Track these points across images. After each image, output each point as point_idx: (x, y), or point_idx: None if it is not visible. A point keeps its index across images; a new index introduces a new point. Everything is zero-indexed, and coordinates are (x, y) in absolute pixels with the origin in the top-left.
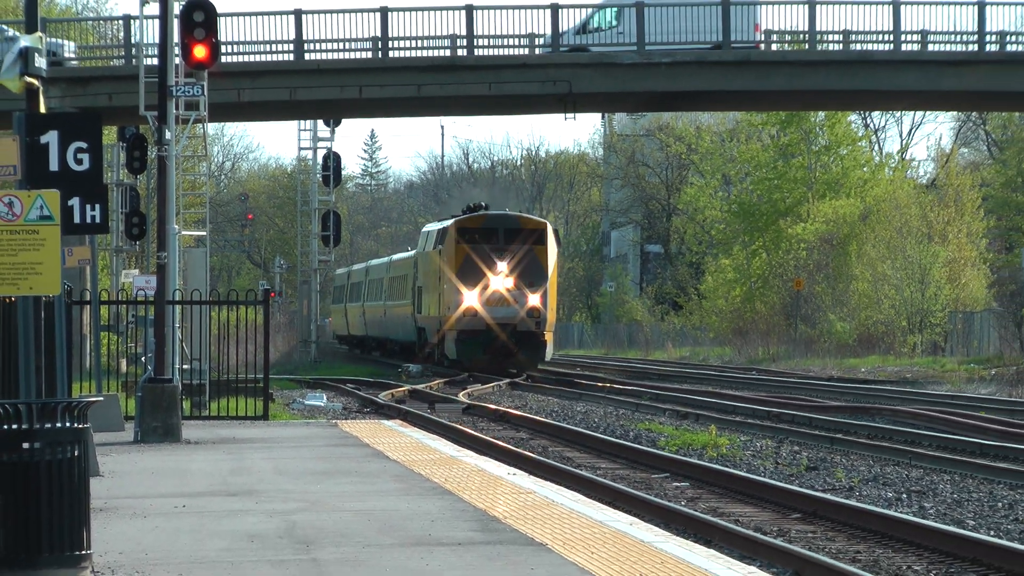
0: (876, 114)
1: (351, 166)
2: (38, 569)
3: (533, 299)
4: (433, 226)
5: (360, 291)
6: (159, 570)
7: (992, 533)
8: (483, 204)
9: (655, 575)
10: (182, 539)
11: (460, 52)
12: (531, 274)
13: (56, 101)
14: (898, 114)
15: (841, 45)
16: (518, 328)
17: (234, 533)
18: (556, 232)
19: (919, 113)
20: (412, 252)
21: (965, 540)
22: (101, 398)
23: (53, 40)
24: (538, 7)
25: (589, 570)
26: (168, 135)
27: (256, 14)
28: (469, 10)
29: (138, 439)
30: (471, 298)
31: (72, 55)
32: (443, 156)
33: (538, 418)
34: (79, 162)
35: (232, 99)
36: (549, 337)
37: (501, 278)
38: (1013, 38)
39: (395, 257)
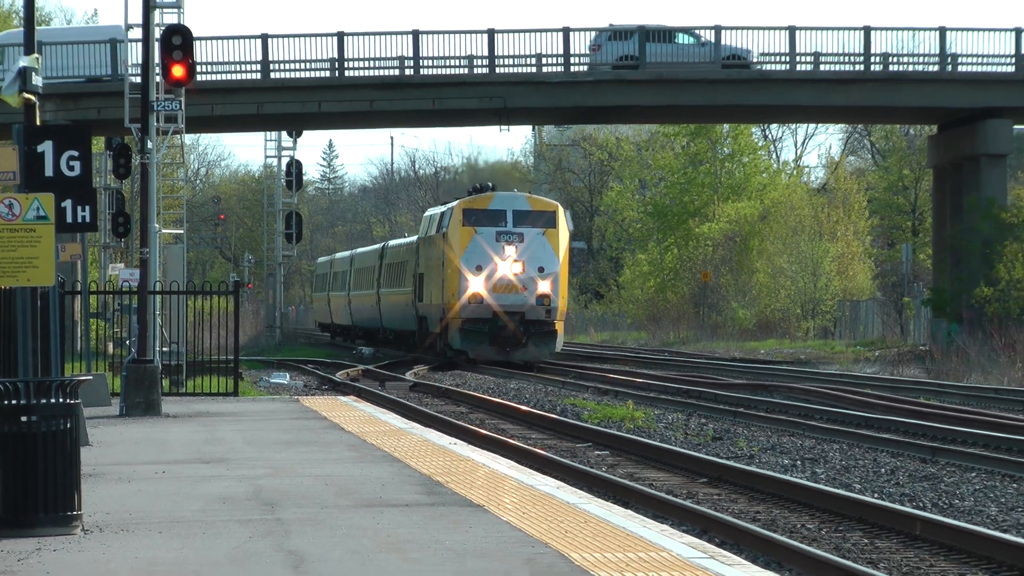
0: (774, 126)
1: (311, 172)
2: (34, 528)
3: (543, 285)
4: (436, 209)
5: (345, 280)
6: (141, 528)
7: (876, 495)
8: (490, 184)
9: (578, 533)
10: (162, 501)
11: (408, 71)
12: (541, 259)
13: (51, 115)
14: (793, 126)
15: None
16: (527, 316)
17: (207, 496)
18: (568, 214)
19: (812, 125)
20: (411, 238)
21: (852, 501)
22: (90, 377)
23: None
24: (476, 32)
25: (521, 528)
26: (150, 145)
27: (227, 38)
28: (415, 34)
29: (123, 413)
30: (477, 284)
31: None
32: (392, 163)
33: (476, 394)
34: (71, 168)
35: (206, 113)
36: (560, 326)
37: (509, 263)
38: (895, 58)
39: (391, 243)
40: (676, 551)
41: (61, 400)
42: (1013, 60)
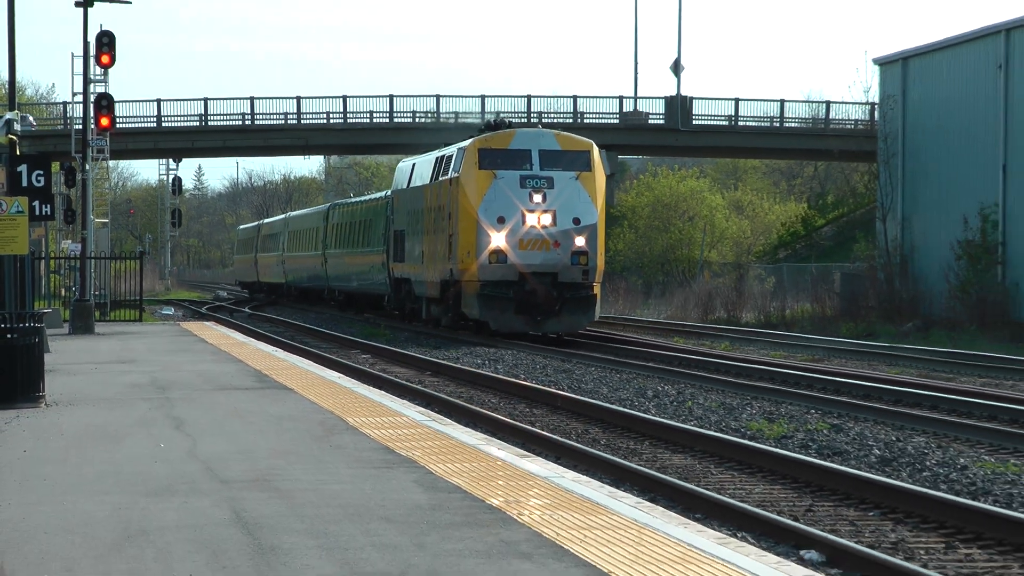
0: None
1: (188, 183)
2: (15, 403)
3: (579, 240)
4: (427, 156)
5: (279, 241)
6: (83, 403)
7: (533, 381)
8: (506, 121)
9: (352, 405)
10: (95, 386)
11: (248, 122)
12: (576, 208)
13: (26, 148)
14: None
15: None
16: (560, 278)
17: (123, 383)
18: (604, 155)
19: None
20: (372, 195)
21: (518, 385)
22: (50, 311)
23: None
24: (287, 98)
25: (317, 403)
26: (87, 167)
27: (135, 101)
28: (252, 100)
29: (71, 332)
30: (499, 239)
31: (31, 125)
32: (238, 178)
33: (291, 320)
34: (38, 181)
35: (122, 147)
36: (598, 290)
37: (538, 213)
38: (546, 115)
39: (339, 202)
40: (411, 416)
41: (32, 324)
42: (617, 115)
